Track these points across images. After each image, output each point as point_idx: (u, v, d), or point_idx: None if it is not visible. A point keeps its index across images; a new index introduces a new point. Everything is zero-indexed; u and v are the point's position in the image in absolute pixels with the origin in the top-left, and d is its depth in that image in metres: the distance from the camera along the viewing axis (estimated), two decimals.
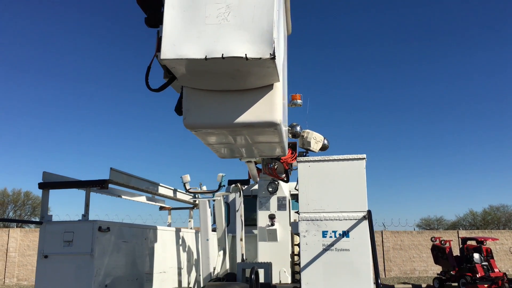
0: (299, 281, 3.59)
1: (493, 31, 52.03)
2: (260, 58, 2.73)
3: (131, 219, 24.43)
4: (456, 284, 18.80)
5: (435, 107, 57.09)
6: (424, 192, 60.17)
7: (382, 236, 25.12)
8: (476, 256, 18.59)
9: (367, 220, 3.22)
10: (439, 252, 19.99)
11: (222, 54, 2.71)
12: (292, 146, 6.31)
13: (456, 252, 20.25)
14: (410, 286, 21.10)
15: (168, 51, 2.78)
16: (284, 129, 3.78)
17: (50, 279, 4.04)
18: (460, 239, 20.48)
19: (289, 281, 6.21)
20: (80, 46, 54.44)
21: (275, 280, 6.46)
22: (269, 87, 3.16)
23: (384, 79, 58.71)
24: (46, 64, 53.83)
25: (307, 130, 5.62)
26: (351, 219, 3.47)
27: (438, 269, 20.56)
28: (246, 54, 2.72)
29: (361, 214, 3.45)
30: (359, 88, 59.09)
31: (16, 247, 22.70)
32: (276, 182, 6.98)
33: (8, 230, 23.26)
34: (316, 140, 5.28)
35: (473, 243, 19.51)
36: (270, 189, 7.01)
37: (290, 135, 5.43)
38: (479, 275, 17.71)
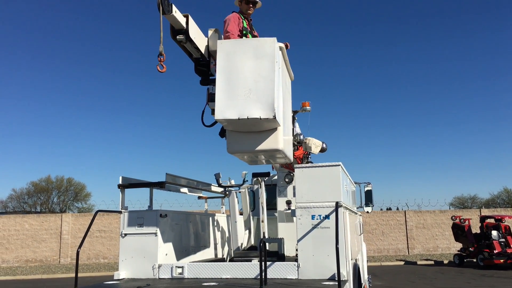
0: (296, 250, 5.14)
1: None
2: (268, 118, 4.73)
3: (180, 206, 26.82)
4: (475, 260, 19.61)
5: (462, 83, 56.61)
6: (458, 171, 60.02)
7: (405, 215, 25.91)
8: (494, 233, 19.15)
9: (335, 208, 4.77)
10: (459, 230, 20.62)
11: (247, 116, 4.72)
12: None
13: (477, 230, 21.04)
14: (433, 262, 21.85)
15: (219, 115, 4.79)
16: (288, 147, 5.62)
17: (129, 251, 5.61)
18: (479, 217, 21.29)
19: None
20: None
21: (292, 254, 7.95)
22: (274, 129, 5.11)
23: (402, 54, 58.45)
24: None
25: (309, 138, 7.01)
26: (330, 207, 4.92)
27: (460, 246, 21.24)
28: (260, 116, 4.71)
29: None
30: (373, 66, 59.19)
31: (68, 230, 25.04)
32: (292, 174, 8.37)
33: (61, 215, 25.67)
34: (316, 145, 6.72)
35: (492, 221, 20.19)
36: (287, 180, 8.44)
37: (295, 143, 6.89)
38: (496, 251, 18.41)
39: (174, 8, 4.69)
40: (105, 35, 59.70)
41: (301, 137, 6.87)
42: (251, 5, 5.79)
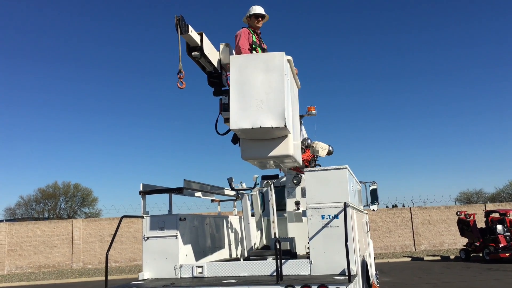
0: (308, 248, 5.50)
1: None
2: (279, 126, 5.06)
3: (188, 209, 27.30)
4: (481, 254, 19.80)
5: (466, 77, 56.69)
6: (464, 166, 60.03)
7: (411, 212, 26.19)
8: (499, 227, 19.32)
9: (344, 208, 5.13)
10: (464, 225, 20.76)
11: (260, 125, 5.06)
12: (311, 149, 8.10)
13: (482, 225, 21.27)
14: (439, 258, 22.06)
15: (233, 124, 5.14)
16: (297, 152, 5.91)
17: (151, 253, 5.95)
18: (484, 212, 21.52)
19: None
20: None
21: (302, 252, 8.30)
22: (285, 136, 5.44)
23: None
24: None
25: (316, 142, 7.40)
26: (339, 207, 5.26)
27: (466, 241, 21.40)
28: (272, 125, 5.05)
29: None
30: (378, 56, 59.34)
31: (79, 235, 25.46)
32: (300, 176, 8.72)
33: (72, 221, 26.10)
34: (322, 148, 7.10)
35: (497, 215, 20.41)
36: (295, 181, 8.77)
37: (303, 147, 7.25)
38: (502, 244, 18.62)
39: (190, 28, 5.08)
40: (109, 34, 60.21)
41: (309, 141, 7.24)
42: (260, 19, 6.20)
